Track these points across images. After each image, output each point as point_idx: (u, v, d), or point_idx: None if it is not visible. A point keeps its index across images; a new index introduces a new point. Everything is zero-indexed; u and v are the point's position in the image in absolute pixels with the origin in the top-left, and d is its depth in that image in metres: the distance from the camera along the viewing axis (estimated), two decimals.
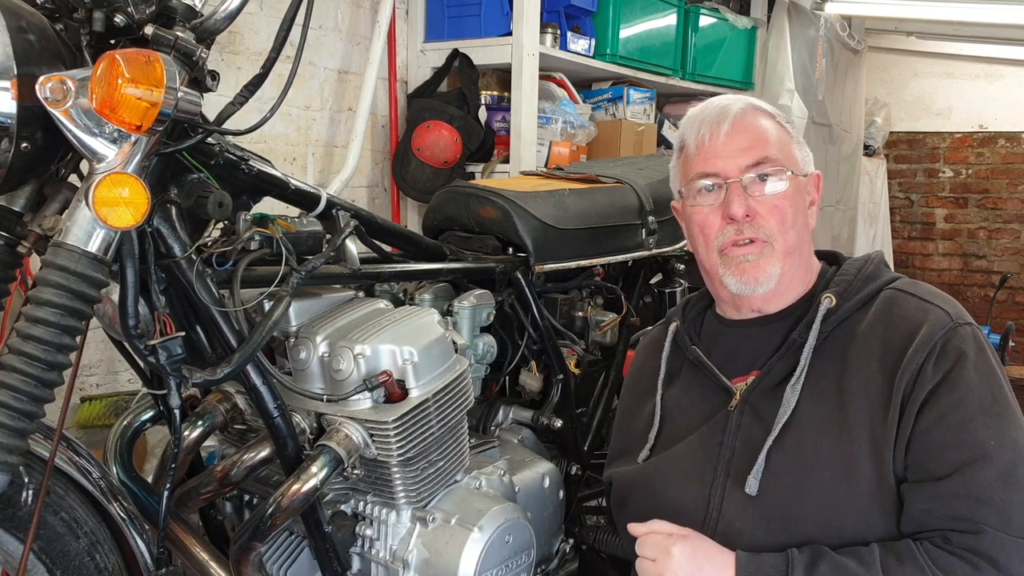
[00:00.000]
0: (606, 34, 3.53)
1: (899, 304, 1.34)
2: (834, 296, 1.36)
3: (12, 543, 1.26)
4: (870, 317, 1.34)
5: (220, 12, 1.22)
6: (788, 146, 1.41)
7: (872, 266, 1.40)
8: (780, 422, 1.31)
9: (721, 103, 1.43)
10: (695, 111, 1.45)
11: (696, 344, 1.48)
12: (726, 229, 1.38)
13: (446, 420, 1.49)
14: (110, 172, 1.13)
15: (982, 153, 5.55)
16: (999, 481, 1.20)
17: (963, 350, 1.26)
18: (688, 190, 1.43)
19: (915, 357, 1.26)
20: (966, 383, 1.24)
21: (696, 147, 1.42)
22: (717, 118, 1.40)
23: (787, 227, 1.37)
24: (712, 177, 1.39)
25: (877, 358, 1.30)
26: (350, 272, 1.52)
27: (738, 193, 1.36)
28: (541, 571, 1.79)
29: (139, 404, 1.66)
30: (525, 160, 3.13)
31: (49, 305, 1.12)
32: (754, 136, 1.39)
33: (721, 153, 1.39)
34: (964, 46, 5.37)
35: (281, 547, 1.63)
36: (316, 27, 2.99)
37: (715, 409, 1.40)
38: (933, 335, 1.27)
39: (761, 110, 1.43)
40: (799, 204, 1.40)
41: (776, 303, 1.42)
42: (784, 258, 1.38)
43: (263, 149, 2.76)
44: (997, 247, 5.54)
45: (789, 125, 1.44)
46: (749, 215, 1.36)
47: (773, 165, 1.37)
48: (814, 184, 1.46)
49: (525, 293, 1.85)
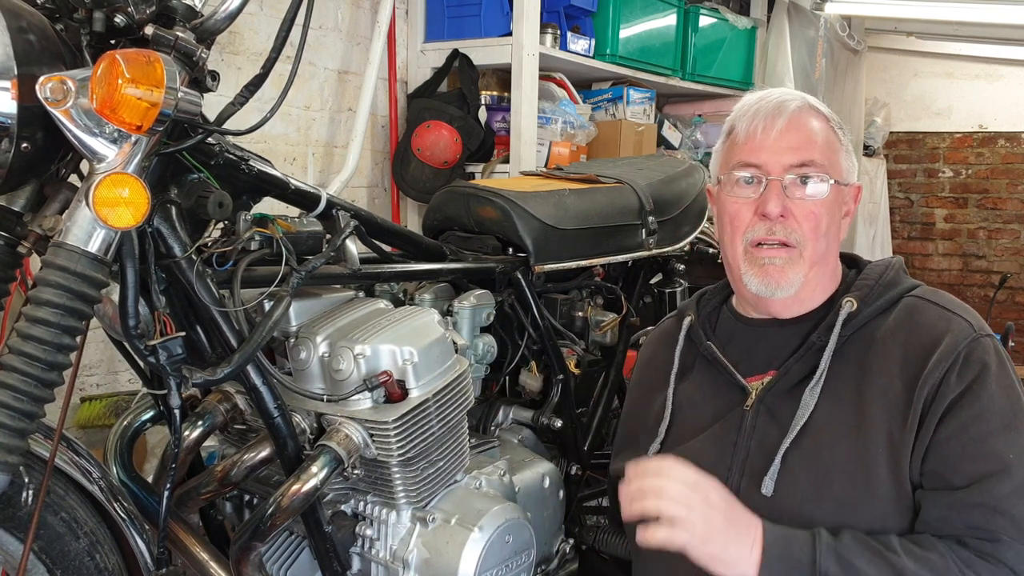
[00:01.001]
0: (606, 34, 3.53)
1: (921, 312, 1.33)
2: (855, 300, 1.35)
3: (12, 543, 1.26)
4: (891, 323, 1.33)
5: (220, 12, 1.22)
6: (836, 153, 1.39)
7: (893, 272, 1.39)
8: (798, 424, 1.30)
9: (781, 97, 1.40)
10: (751, 99, 1.42)
11: (711, 340, 1.47)
12: (757, 226, 1.37)
13: (446, 420, 1.49)
14: (110, 172, 1.13)
15: (982, 153, 5.55)
16: (1016, 494, 1.20)
17: (986, 362, 1.26)
18: (727, 178, 1.40)
19: (938, 367, 1.25)
20: (988, 395, 1.24)
21: (746, 137, 1.39)
22: (774, 112, 1.37)
23: (819, 235, 1.36)
24: (754, 169, 1.37)
25: (898, 364, 1.29)
26: (350, 272, 1.52)
27: (776, 191, 1.35)
28: (541, 571, 1.79)
29: (139, 404, 1.65)
30: (525, 160, 3.13)
31: (49, 305, 1.12)
32: (805, 137, 1.37)
33: (769, 148, 1.36)
34: (964, 46, 5.37)
35: (281, 547, 1.63)
36: (316, 27, 2.99)
37: (729, 407, 1.40)
38: (957, 345, 1.26)
39: (817, 112, 1.40)
40: (835, 213, 1.38)
41: (796, 309, 1.40)
42: (810, 267, 1.37)
43: (263, 149, 2.76)
44: (997, 247, 5.54)
45: (842, 131, 1.41)
46: (784, 215, 1.35)
47: (817, 169, 1.35)
48: (853, 195, 1.44)
49: (525, 293, 1.84)
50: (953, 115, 5.61)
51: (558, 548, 1.84)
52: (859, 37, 5.12)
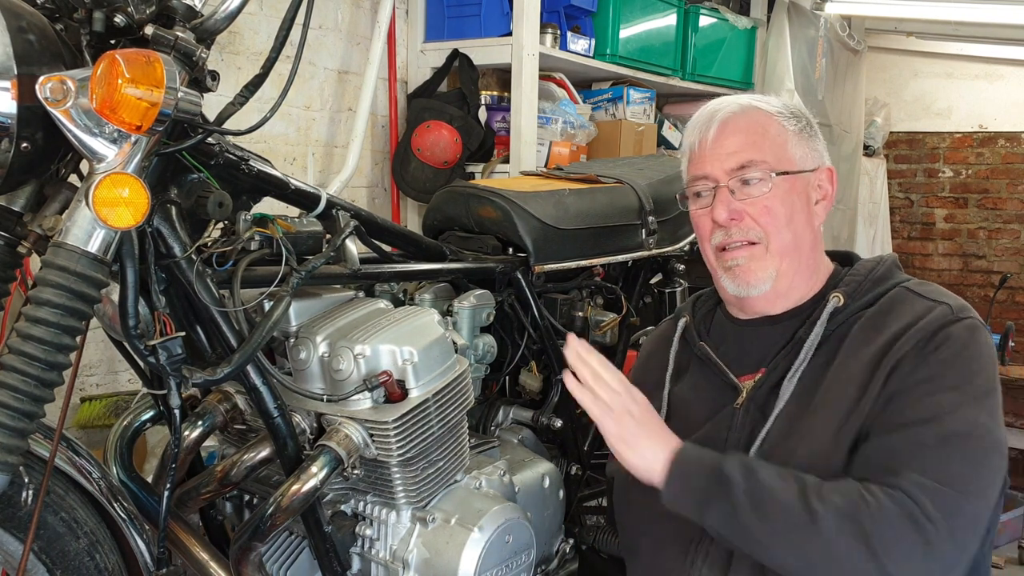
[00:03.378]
0: (606, 34, 3.52)
1: (904, 301, 1.34)
2: (842, 295, 1.36)
3: (12, 543, 1.26)
4: (872, 310, 1.35)
5: (220, 12, 1.22)
6: (783, 144, 1.40)
7: (884, 268, 1.40)
8: (773, 415, 1.33)
9: (714, 106, 1.43)
10: (696, 114, 1.46)
11: (705, 340, 1.49)
12: (716, 232, 1.41)
13: (446, 420, 1.49)
14: (110, 172, 1.13)
15: (982, 153, 5.54)
16: (938, 440, 1.20)
17: (954, 336, 1.26)
18: (689, 192, 1.45)
19: (907, 343, 1.27)
20: (944, 363, 1.25)
21: (692, 150, 1.44)
22: (707, 122, 1.42)
23: (780, 226, 1.38)
24: (703, 180, 1.41)
25: (870, 346, 1.30)
26: (350, 272, 1.52)
27: (722, 198, 1.38)
28: (541, 571, 1.79)
29: (139, 404, 1.66)
30: (525, 160, 3.13)
31: (49, 305, 1.12)
32: (741, 139, 1.39)
33: (709, 157, 1.40)
34: (964, 46, 5.36)
35: (281, 547, 1.63)
36: (316, 27, 2.99)
37: (721, 406, 1.41)
38: (930, 325, 1.28)
39: (754, 109, 1.42)
40: (795, 202, 1.39)
41: (780, 304, 1.42)
42: (780, 258, 1.38)
43: (263, 149, 2.75)
44: (997, 247, 5.53)
45: (793, 119, 1.42)
46: (735, 218, 1.38)
47: (757, 168, 1.38)
48: (825, 179, 1.44)
49: (525, 293, 1.85)
50: (953, 115, 5.61)
51: (558, 548, 1.84)
52: (859, 37, 5.11)
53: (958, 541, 1.17)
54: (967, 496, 1.17)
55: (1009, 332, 3.82)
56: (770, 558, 1.22)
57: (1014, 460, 4.61)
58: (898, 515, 1.15)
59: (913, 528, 1.15)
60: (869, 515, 1.16)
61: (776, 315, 1.42)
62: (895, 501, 1.16)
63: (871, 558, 1.15)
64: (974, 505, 1.18)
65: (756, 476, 1.23)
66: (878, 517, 1.16)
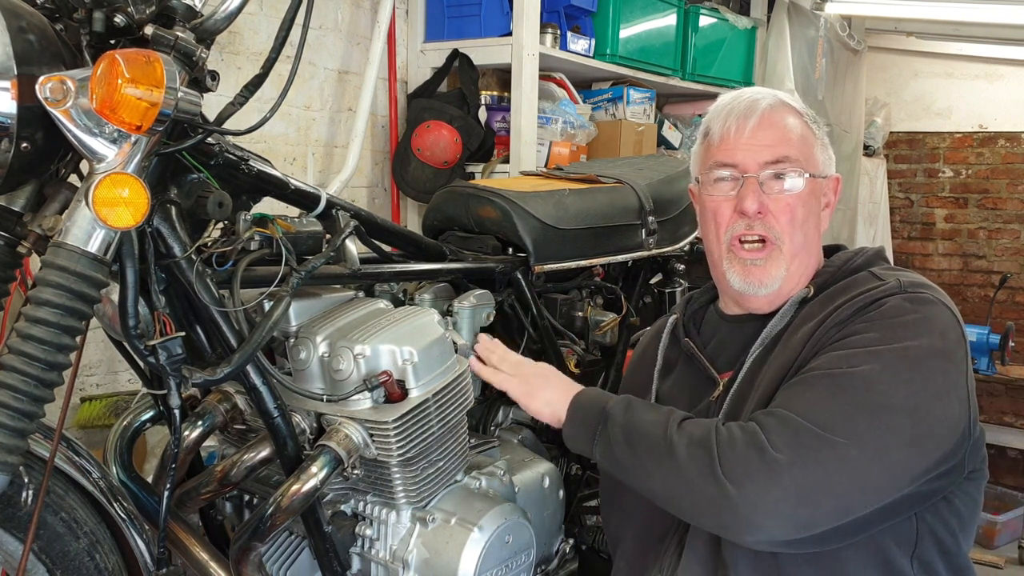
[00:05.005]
0: (606, 34, 3.52)
1: (859, 282, 1.34)
2: (813, 286, 1.38)
3: (12, 543, 1.26)
4: (829, 291, 1.36)
5: (220, 12, 1.22)
6: (811, 146, 1.41)
7: (861, 259, 1.40)
8: (747, 407, 1.34)
9: (752, 96, 1.42)
10: (725, 100, 1.45)
11: (691, 336, 1.51)
12: (736, 222, 1.40)
13: (446, 420, 1.50)
14: (110, 172, 1.13)
15: (982, 153, 5.54)
16: (825, 386, 1.20)
17: (890, 304, 1.26)
18: (706, 177, 1.44)
19: (843, 312, 1.28)
20: (869, 324, 1.24)
21: (720, 137, 1.42)
22: (746, 111, 1.40)
23: (796, 228, 1.38)
24: (731, 168, 1.40)
25: (814, 320, 1.31)
26: (350, 272, 1.52)
27: (753, 188, 1.37)
28: (541, 571, 1.79)
29: (139, 404, 1.66)
30: (525, 160, 3.13)
31: (49, 305, 1.12)
32: (779, 133, 1.39)
33: (743, 146, 1.39)
34: (964, 46, 5.36)
35: (281, 547, 1.63)
36: (316, 27, 2.99)
37: (702, 400, 1.44)
38: (871, 295, 1.28)
39: (790, 107, 1.43)
40: (812, 206, 1.40)
41: (777, 303, 1.42)
42: (791, 260, 1.39)
43: (263, 149, 2.75)
44: (997, 247, 5.53)
45: (816, 125, 1.44)
46: (761, 212, 1.37)
47: (792, 164, 1.38)
48: (832, 187, 1.46)
49: (525, 293, 1.85)
50: (953, 115, 5.61)
51: (558, 548, 1.84)
52: (859, 37, 5.11)
53: (808, 477, 1.15)
54: (830, 439, 1.16)
55: (1009, 332, 3.82)
56: (641, 487, 1.31)
57: (1014, 460, 4.63)
58: (745, 442, 1.19)
59: (757, 454, 1.18)
60: (717, 442, 1.21)
61: (765, 313, 1.43)
62: (745, 431, 1.21)
63: (714, 481, 1.19)
64: (839, 451, 1.16)
65: (632, 412, 1.34)
66: (725, 444, 1.21)
